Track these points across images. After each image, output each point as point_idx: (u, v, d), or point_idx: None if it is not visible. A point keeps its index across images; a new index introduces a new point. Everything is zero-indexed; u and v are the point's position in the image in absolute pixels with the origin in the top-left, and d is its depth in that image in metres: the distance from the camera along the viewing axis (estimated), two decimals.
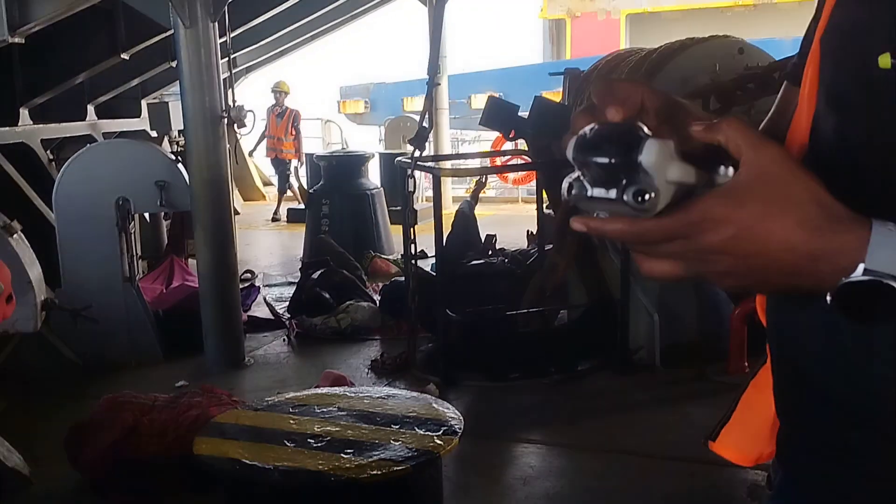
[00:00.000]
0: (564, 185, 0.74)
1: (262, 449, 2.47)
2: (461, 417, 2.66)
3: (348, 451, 2.44)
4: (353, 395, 2.90)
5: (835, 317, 0.81)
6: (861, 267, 0.68)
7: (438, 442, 2.48)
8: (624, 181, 0.70)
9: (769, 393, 0.98)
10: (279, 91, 11.70)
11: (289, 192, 11.82)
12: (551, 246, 5.57)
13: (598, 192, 0.71)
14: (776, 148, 0.72)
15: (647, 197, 0.69)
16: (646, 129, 0.71)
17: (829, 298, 0.70)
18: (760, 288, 0.75)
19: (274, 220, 11.61)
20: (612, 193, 0.70)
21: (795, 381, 0.92)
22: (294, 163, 11.75)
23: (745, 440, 1.03)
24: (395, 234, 7.89)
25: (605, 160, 0.70)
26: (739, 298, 4.81)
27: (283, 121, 11.56)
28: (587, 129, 0.73)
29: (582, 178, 0.73)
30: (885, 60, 0.75)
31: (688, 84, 5.51)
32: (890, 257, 0.68)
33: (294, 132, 11.62)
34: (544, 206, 6.04)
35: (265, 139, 11.82)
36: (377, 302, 6.45)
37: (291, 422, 2.65)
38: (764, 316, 0.99)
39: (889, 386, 0.79)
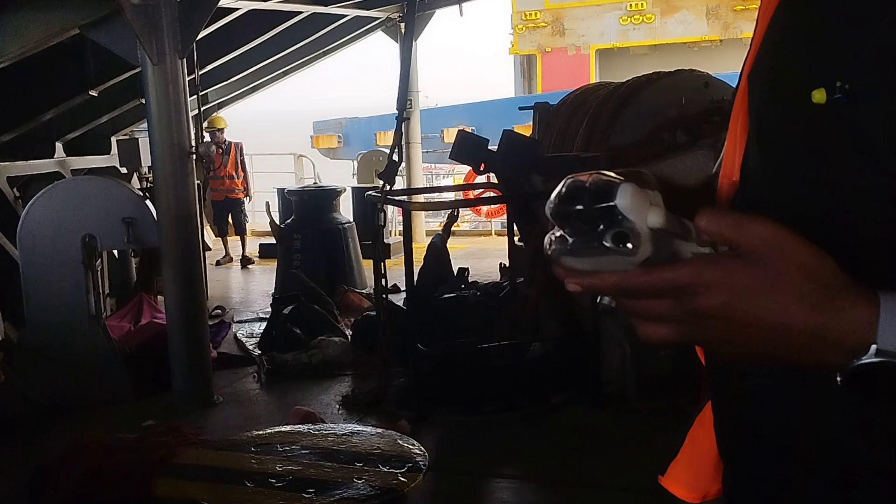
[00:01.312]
0: (546, 241, 0.73)
1: (222, 490, 2.42)
2: (426, 454, 2.63)
3: (310, 490, 2.39)
4: (316, 432, 2.85)
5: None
6: (874, 348, 0.64)
7: (402, 479, 2.44)
8: (602, 227, 0.68)
9: (713, 431, 0.97)
10: (213, 129, 10.34)
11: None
12: (523, 279, 5.57)
13: (579, 242, 0.70)
14: (767, 222, 0.69)
15: (627, 239, 0.67)
16: (620, 178, 0.70)
17: (838, 379, 0.66)
18: (762, 359, 0.71)
19: (247, 263, 10.83)
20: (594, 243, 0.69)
21: (736, 422, 0.91)
22: (246, 202, 10.92)
23: (691, 476, 1.02)
24: (368, 268, 7.86)
25: (581, 207, 0.69)
26: None
27: (231, 157, 10.50)
28: (563, 182, 0.72)
29: (563, 233, 0.72)
30: (819, 96, 0.75)
31: (655, 117, 5.58)
32: None
33: (242, 167, 10.69)
34: (516, 238, 6.05)
35: (209, 182, 10.40)
36: (349, 337, 6.40)
37: (253, 461, 2.60)
38: (702, 353, 0.98)
39: (837, 429, 0.78)
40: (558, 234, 0.72)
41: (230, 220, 10.82)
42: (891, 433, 0.73)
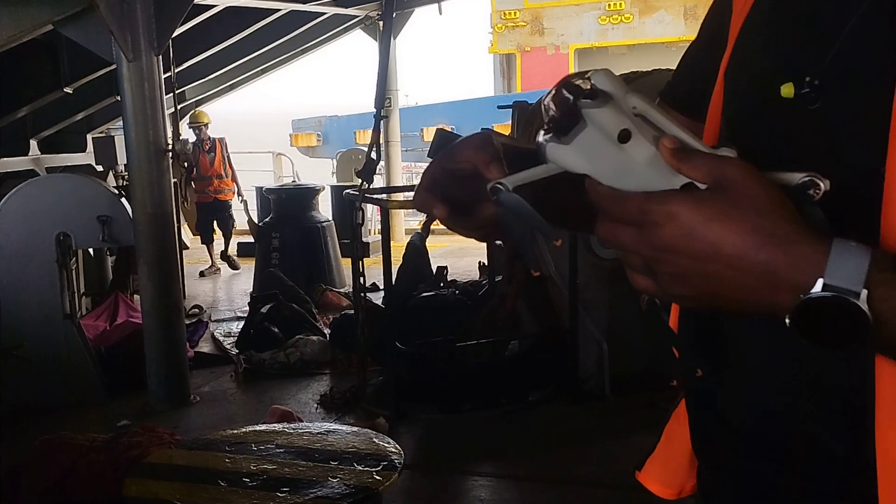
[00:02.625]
0: (539, 137, 0.74)
1: (194, 489, 2.40)
2: (402, 452, 2.62)
3: (284, 489, 2.38)
4: (291, 431, 2.83)
5: (749, 355, 0.80)
6: (820, 282, 0.63)
7: (378, 478, 2.43)
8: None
9: (687, 425, 0.98)
10: (198, 124, 9.77)
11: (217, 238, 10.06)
12: (502, 277, 5.58)
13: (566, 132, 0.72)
14: (740, 161, 0.69)
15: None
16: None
17: (787, 320, 0.65)
18: (714, 302, 0.69)
19: (233, 266, 10.09)
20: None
21: (708, 417, 0.91)
22: (233, 202, 10.04)
23: (666, 472, 1.02)
24: (347, 266, 7.84)
25: (564, 96, 0.72)
26: None
27: (217, 156, 9.74)
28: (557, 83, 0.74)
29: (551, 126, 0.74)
30: (787, 90, 0.75)
31: None
32: (851, 271, 0.63)
33: (230, 164, 9.88)
34: None
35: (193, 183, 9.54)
36: (327, 335, 6.38)
37: (227, 460, 2.58)
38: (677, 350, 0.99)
39: (805, 422, 0.78)
40: (546, 127, 0.74)
41: (216, 225, 9.93)
42: (858, 424, 0.73)
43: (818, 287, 0.63)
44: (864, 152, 0.71)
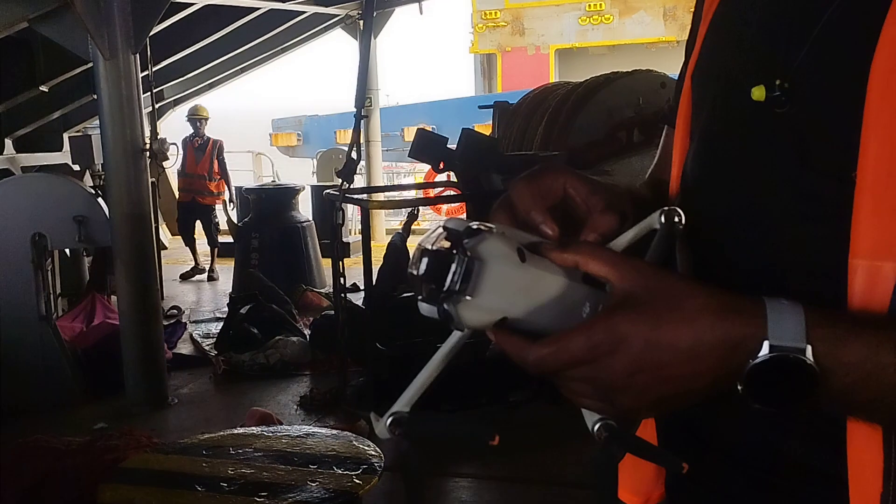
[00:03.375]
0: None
1: (170, 495, 2.36)
2: (382, 455, 2.60)
3: (262, 494, 2.35)
4: (270, 434, 2.81)
5: None
6: (766, 344, 0.63)
7: (357, 481, 2.41)
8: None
9: (652, 436, 0.97)
10: (198, 117, 9.42)
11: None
12: None
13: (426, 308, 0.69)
14: (639, 262, 0.69)
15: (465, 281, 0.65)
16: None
17: (739, 388, 0.65)
18: (685, 400, 0.69)
19: (211, 279, 9.63)
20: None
21: (675, 425, 0.90)
22: (218, 208, 9.65)
23: (634, 481, 1.01)
24: (327, 267, 7.78)
25: (442, 254, 0.67)
26: None
27: (206, 155, 9.34)
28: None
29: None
30: (758, 93, 0.74)
31: (613, 116, 5.63)
32: (792, 330, 0.63)
33: (219, 169, 9.47)
34: None
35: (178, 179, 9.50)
36: (308, 336, 6.34)
37: (204, 465, 2.54)
38: None
39: (771, 433, 0.77)
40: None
41: (201, 228, 9.56)
42: (823, 434, 0.72)
43: (765, 349, 0.63)
44: (834, 157, 0.70)
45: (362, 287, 6.15)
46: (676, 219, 0.72)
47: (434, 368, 0.70)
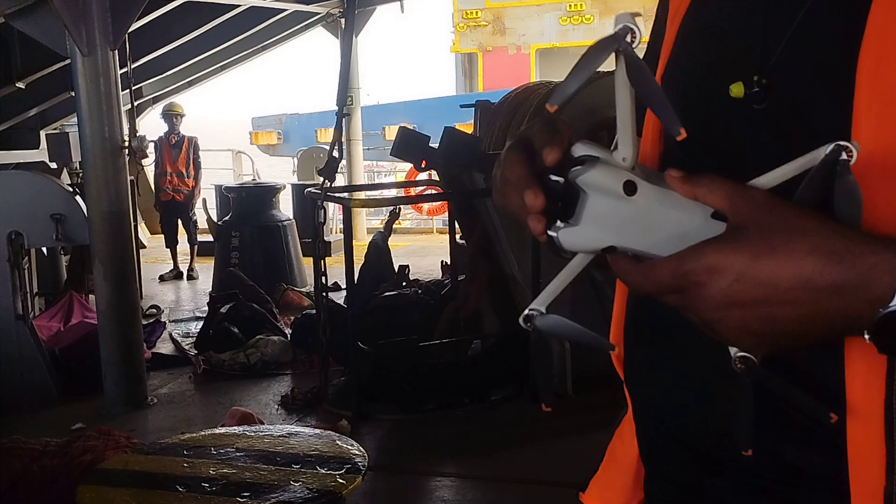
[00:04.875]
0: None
1: (151, 496, 2.33)
2: (365, 454, 2.58)
3: (244, 494, 2.33)
4: (252, 434, 2.78)
5: (695, 366, 0.77)
6: None
7: (341, 481, 2.39)
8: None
9: (632, 443, 0.96)
10: (173, 113, 9.38)
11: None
12: (464, 276, 5.56)
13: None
14: (758, 193, 0.64)
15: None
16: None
17: (866, 336, 0.60)
18: (790, 342, 0.63)
19: (191, 277, 9.57)
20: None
21: (656, 427, 0.89)
22: (198, 205, 9.62)
23: (610, 492, 1.00)
24: (308, 266, 7.76)
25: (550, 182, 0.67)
26: None
27: (182, 153, 9.28)
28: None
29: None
30: (737, 89, 0.73)
31: (594, 115, 5.62)
32: None
33: (195, 166, 9.37)
34: (457, 236, 6.04)
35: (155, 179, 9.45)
36: (289, 336, 6.31)
37: (185, 465, 2.51)
38: (620, 368, 0.96)
39: (762, 434, 0.76)
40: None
41: (181, 226, 9.47)
42: (819, 436, 0.71)
43: None
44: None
45: (344, 286, 6.13)
46: (844, 154, 0.63)
47: (567, 275, 0.71)
